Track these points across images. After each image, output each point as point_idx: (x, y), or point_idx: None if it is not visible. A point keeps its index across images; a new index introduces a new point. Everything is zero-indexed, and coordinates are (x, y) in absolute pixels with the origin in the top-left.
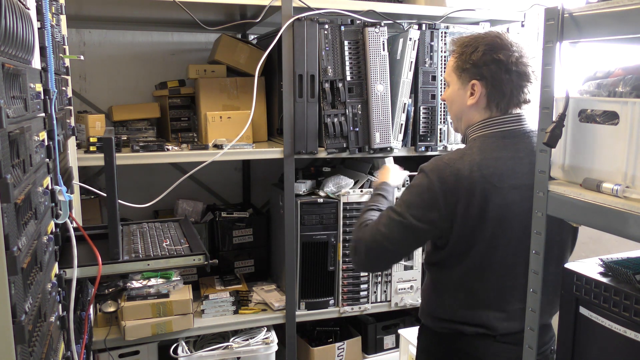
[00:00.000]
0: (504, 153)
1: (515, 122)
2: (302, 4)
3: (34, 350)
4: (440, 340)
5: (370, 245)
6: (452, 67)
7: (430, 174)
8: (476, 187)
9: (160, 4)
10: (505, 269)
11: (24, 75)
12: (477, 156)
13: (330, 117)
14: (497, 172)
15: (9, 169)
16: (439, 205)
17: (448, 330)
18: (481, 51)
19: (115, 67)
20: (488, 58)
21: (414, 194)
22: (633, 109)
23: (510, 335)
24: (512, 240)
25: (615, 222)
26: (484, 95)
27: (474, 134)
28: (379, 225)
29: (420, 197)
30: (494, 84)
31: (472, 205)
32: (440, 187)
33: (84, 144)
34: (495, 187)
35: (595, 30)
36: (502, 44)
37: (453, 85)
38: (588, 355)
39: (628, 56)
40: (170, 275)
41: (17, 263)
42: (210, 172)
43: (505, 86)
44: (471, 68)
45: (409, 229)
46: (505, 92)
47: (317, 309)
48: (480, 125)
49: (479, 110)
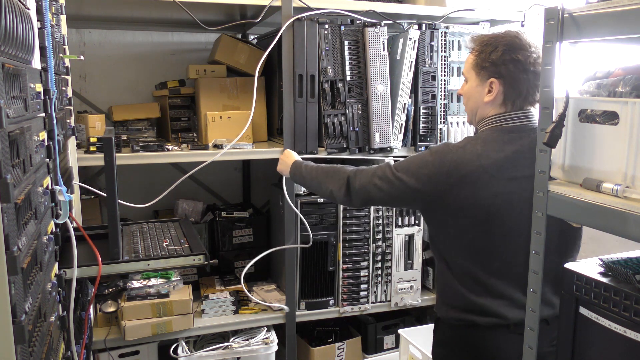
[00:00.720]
0: (507, 146)
1: (523, 119)
2: (302, 4)
3: (34, 350)
4: (455, 333)
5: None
6: (471, 64)
7: (435, 154)
8: (471, 175)
9: (160, 4)
10: (507, 258)
11: (24, 75)
12: (480, 147)
13: (330, 117)
14: (496, 163)
15: (9, 169)
16: (431, 181)
17: (463, 323)
18: (500, 51)
19: (115, 67)
20: (507, 58)
21: (413, 163)
22: (633, 109)
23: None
24: (512, 229)
25: (615, 222)
26: (501, 93)
27: (484, 127)
28: (374, 178)
29: (417, 167)
30: (511, 83)
31: (464, 190)
32: (437, 168)
33: (84, 144)
34: (493, 176)
35: (595, 30)
36: (521, 44)
37: (471, 81)
38: (588, 355)
39: (628, 56)
40: (170, 275)
41: (17, 263)
42: (210, 172)
43: (522, 85)
44: (490, 66)
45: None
46: (521, 91)
47: (317, 309)
48: (491, 120)
49: (495, 106)
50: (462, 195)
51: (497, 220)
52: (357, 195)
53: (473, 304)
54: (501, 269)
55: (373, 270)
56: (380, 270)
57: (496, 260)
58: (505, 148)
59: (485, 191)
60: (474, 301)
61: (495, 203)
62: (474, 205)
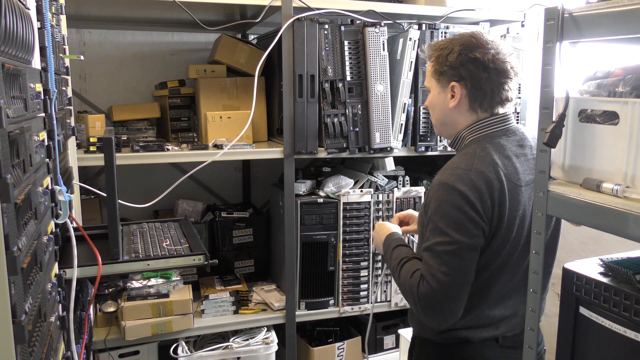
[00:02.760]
0: (511, 151)
1: (506, 121)
2: (302, 4)
3: (34, 350)
4: (441, 351)
5: (444, 292)
6: (430, 72)
7: (457, 185)
8: (505, 187)
9: (160, 4)
10: (516, 267)
11: (24, 75)
12: (494, 156)
13: (330, 117)
14: (514, 170)
15: (9, 169)
16: (481, 212)
17: (451, 340)
18: (457, 52)
19: (115, 67)
20: (464, 58)
21: (451, 212)
22: (633, 109)
23: (510, 337)
24: (527, 238)
25: (615, 222)
26: (465, 96)
27: (471, 136)
28: (435, 270)
29: (461, 212)
30: (473, 84)
31: (505, 206)
32: (474, 195)
33: (84, 144)
34: (516, 185)
35: (595, 30)
36: (478, 43)
37: (433, 90)
38: (588, 355)
39: (628, 56)
40: (170, 275)
41: (17, 263)
42: (210, 172)
43: (485, 84)
44: (449, 70)
45: (470, 249)
46: (485, 91)
47: (317, 309)
48: (475, 128)
49: (463, 112)
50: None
51: (521, 231)
52: (445, 305)
53: (469, 320)
54: (510, 280)
55: (373, 270)
56: (380, 270)
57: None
58: (510, 153)
59: (516, 202)
60: (473, 315)
61: (522, 214)
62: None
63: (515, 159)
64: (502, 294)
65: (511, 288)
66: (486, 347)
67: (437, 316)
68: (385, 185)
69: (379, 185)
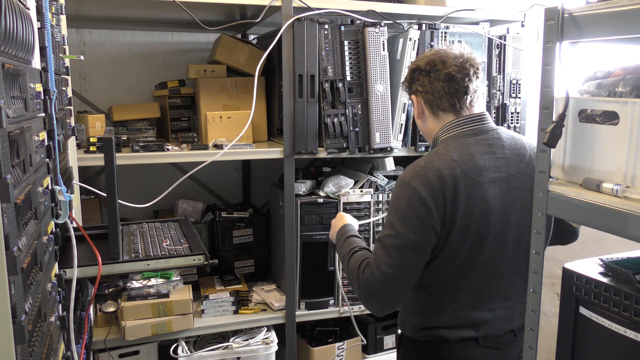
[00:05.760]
0: (477, 149)
1: (479, 122)
2: (302, 4)
3: (34, 350)
4: (422, 349)
5: (384, 283)
6: None
7: (412, 182)
8: (460, 183)
9: (160, 4)
10: (490, 266)
11: (24, 75)
12: (453, 154)
13: (330, 117)
14: (476, 167)
15: (9, 169)
16: (431, 210)
17: (430, 338)
18: (409, 70)
19: (115, 67)
20: (413, 75)
21: (402, 208)
22: (633, 109)
23: (492, 338)
24: (495, 235)
25: (615, 222)
26: (422, 104)
27: (442, 136)
28: (380, 261)
29: (411, 208)
30: (423, 90)
31: (459, 201)
32: (426, 191)
33: (84, 144)
34: (477, 181)
35: (595, 30)
36: (425, 56)
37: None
38: (588, 355)
39: (628, 56)
40: (170, 275)
41: (17, 263)
42: (210, 172)
43: (432, 86)
44: (407, 88)
45: (415, 246)
46: (436, 92)
47: (317, 309)
48: (446, 128)
49: (429, 119)
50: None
51: (484, 228)
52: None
53: (445, 319)
54: (482, 280)
55: None
56: None
57: (479, 271)
58: (476, 151)
59: (474, 198)
60: (448, 316)
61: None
62: (469, 214)
63: (480, 156)
64: (481, 296)
65: (491, 290)
66: (465, 347)
67: (375, 303)
68: (385, 185)
69: (379, 185)
